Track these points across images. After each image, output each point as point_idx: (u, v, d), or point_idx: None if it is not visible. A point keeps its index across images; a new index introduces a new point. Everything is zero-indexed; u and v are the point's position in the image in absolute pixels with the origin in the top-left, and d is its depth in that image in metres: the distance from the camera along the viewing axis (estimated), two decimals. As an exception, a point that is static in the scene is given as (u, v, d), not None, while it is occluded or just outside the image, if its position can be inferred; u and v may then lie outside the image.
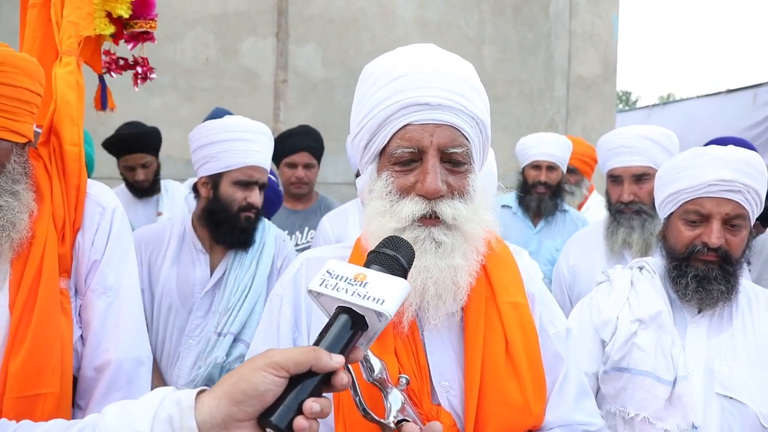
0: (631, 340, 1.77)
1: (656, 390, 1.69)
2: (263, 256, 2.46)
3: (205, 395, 0.83)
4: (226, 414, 0.81)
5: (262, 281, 2.42)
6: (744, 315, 1.76)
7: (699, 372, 1.69)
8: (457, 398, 1.20)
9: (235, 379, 0.82)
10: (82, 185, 1.54)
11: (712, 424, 1.63)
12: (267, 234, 2.52)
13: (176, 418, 0.81)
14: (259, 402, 0.81)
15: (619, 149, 2.55)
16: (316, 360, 0.83)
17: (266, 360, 0.82)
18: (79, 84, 1.56)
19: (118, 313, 1.58)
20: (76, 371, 1.57)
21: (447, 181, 1.18)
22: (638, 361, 1.75)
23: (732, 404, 1.63)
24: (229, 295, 2.36)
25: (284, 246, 2.58)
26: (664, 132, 2.52)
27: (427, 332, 1.22)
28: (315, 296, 0.94)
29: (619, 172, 2.57)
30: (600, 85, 7.00)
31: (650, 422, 1.69)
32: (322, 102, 5.93)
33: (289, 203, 3.55)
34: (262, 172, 2.38)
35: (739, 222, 1.73)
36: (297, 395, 0.82)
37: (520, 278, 1.32)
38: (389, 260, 0.98)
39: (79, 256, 1.55)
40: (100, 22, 1.63)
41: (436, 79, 1.19)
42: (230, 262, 2.41)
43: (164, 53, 5.54)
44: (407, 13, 6.18)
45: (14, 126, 1.38)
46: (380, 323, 0.90)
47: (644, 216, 2.50)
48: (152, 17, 1.75)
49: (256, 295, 2.39)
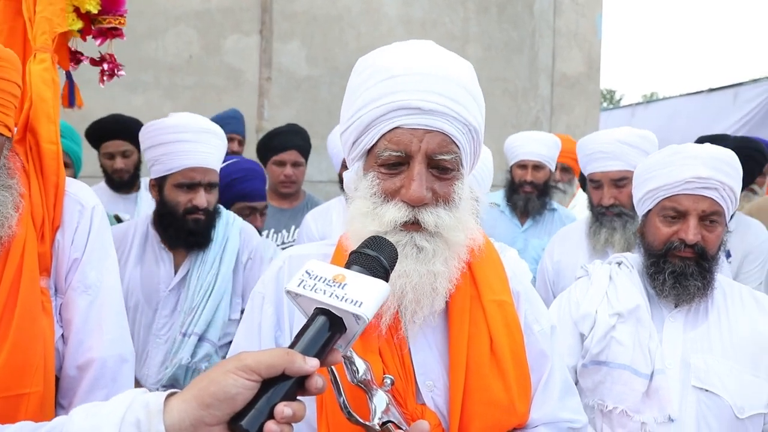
0: (609, 333, 1.79)
1: (634, 383, 1.72)
2: (226, 253, 2.42)
3: (174, 398, 0.82)
4: (195, 418, 0.79)
5: (226, 279, 2.40)
6: (719, 309, 1.80)
7: (676, 365, 1.71)
8: (441, 397, 1.20)
9: (205, 382, 0.81)
10: (60, 183, 1.53)
11: (688, 416, 1.66)
12: (230, 229, 2.48)
13: (144, 422, 0.79)
14: (229, 406, 0.79)
15: (597, 154, 2.60)
16: (290, 363, 0.81)
17: (237, 363, 0.80)
18: (55, 81, 1.54)
19: (99, 310, 1.57)
20: (58, 371, 1.56)
21: (432, 188, 1.17)
22: (616, 354, 1.77)
23: (708, 397, 1.66)
24: (192, 295, 2.34)
25: (250, 239, 2.53)
26: (641, 134, 2.55)
27: (412, 332, 1.22)
28: (293, 297, 0.93)
29: (598, 177, 2.62)
30: (584, 84, 7.05)
31: (628, 415, 1.71)
32: (306, 100, 5.91)
33: (276, 201, 3.53)
34: (205, 173, 2.31)
35: (716, 218, 1.76)
36: (269, 399, 0.80)
37: (505, 276, 1.32)
38: (370, 261, 0.97)
39: (58, 255, 1.53)
40: (67, 17, 1.61)
41: (431, 82, 1.16)
42: (193, 260, 2.39)
43: (146, 50, 5.49)
44: (392, 11, 6.18)
45: (7, 120, 1.37)
46: (358, 326, 0.89)
47: (625, 218, 2.55)
48: (121, 13, 1.72)
49: (220, 294, 2.37)
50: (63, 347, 1.55)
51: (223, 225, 2.46)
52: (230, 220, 2.51)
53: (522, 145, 3.57)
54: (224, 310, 2.38)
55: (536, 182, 3.52)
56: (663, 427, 1.67)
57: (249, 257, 2.50)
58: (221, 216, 2.48)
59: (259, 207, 2.98)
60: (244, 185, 2.94)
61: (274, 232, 3.43)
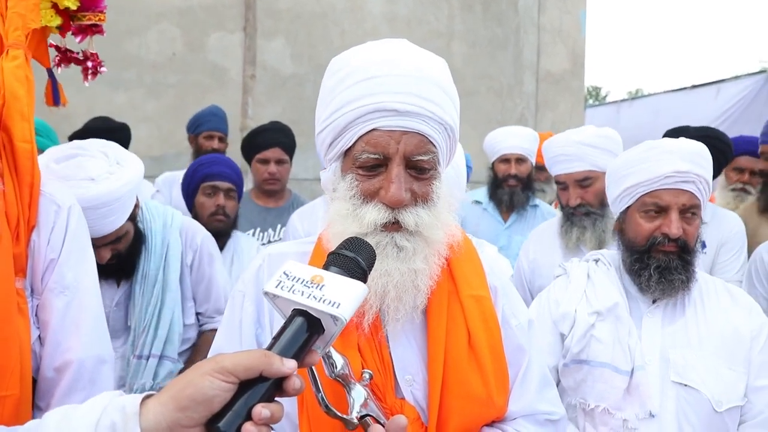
0: (589, 332, 1.80)
1: (614, 380, 1.73)
2: (170, 262, 2.31)
3: (151, 401, 0.81)
4: (171, 420, 0.79)
5: (174, 290, 2.30)
6: (696, 304, 1.81)
7: (655, 361, 1.73)
8: (420, 391, 1.21)
9: (182, 384, 0.80)
10: (35, 183, 1.50)
11: (668, 411, 1.67)
12: (169, 231, 2.34)
13: (120, 425, 0.79)
14: (205, 408, 0.79)
15: (559, 157, 2.65)
16: (267, 366, 0.81)
17: (215, 365, 0.80)
18: (29, 78, 1.51)
19: (77, 311, 1.55)
20: (35, 372, 1.54)
21: (411, 188, 1.18)
22: (597, 353, 1.78)
23: (687, 391, 1.68)
24: (140, 313, 2.24)
25: (193, 237, 2.43)
26: (602, 133, 2.59)
27: (390, 327, 1.23)
28: (271, 298, 0.92)
29: (562, 179, 2.67)
30: (568, 80, 7.09)
31: (610, 413, 1.72)
32: (291, 97, 5.89)
33: (261, 200, 3.51)
34: (95, 240, 1.96)
35: (695, 211, 1.79)
36: (246, 401, 0.80)
37: (482, 271, 1.33)
38: (348, 262, 0.97)
39: (34, 255, 1.51)
40: (45, 13, 1.58)
41: (407, 83, 1.17)
42: (135, 276, 2.26)
43: (128, 48, 5.45)
44: (376, 8, 6.18)
45: None
46: (336, 327, 0.89)
47: (593, 216, 2.60)
48: (101, 9, 1.70)
49: (171, 309, 2.28)
50: (40, 349, 1.53)
51: (160, 228, 2.33)
52: (168, 221, 2.37)
53: (503, 140, 3.59)
54: (178, 322, 2.30)
55: (520, 175, 3.53)
56: (644, 422, 1.68)
57: (194, 256, 2.41)
58: (156, 218, 2.34)
59: (221, 187, 2.89)
60: (206, 169, 2.91)
61: (260, 231, 3.42)
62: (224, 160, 3.03)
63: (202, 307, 2.49)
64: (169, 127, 5.56)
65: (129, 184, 2.02)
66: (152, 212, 2.36)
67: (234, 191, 2.95)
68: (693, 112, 8.36)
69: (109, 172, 1.97)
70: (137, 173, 2.07)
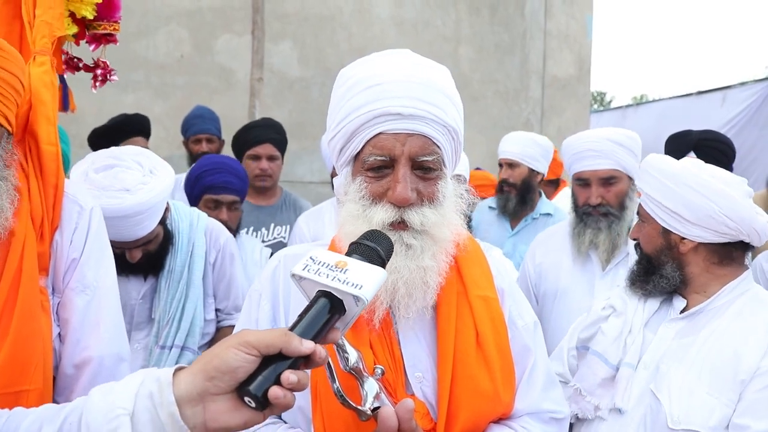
0: (599, 323, 1.90)
1: (598, 368, 1.80)
2: (194, 259, 2.39)
3: (182, 372, 0.90)
4: (201, 389, 0.88)
5: (198, 286, 2.38)
6: (720, 319, 1.75)
7: (650, 368, 1.75)
8: (430, 388, 1.26)
9: (209, 357, 0.89)
10: (60, 184, 1.54)
11: (637, 414, 1.71)
12: (195, 232, 2.42)
13: (156, 394, 0.88)
14: (231, 378, 0.87)
15: (586, 153, 2.55)
16: (286, 344, 0.88)
17: (239, 339, 0.88)
18: (54, 84, 1.56)
19: (97, 310, 1.59)
20: (55, 369, 1.57)
21: (417, 188, 1.24)
22: (596, 342, 1.87)
23: (654, 402, 1.70)
24: (165, 305, 2.33)
25: (217, 238, 2.50)
26: (629, 134, 2.57)
27: (401, 325, 1.28)
28: (297, 280, 1.00)
29: (586, 176, 2.57)
30: (574, 86, 7.12)
31: (581, 394, 1.80)
32: (298, 100, 5.93)
33: (253, 198, 3.42)
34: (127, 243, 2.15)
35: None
36: (276, 368, 0.88)
37: (490, 273, 1.38)
38: (369, 251, 1.05)
39: (57, 255, 1.55)
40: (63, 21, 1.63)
41: (410, 88, 1.23)
42: (162, 271, 2.35)
43: (136, 49, 5.49)
44: (384, 12, 6.21)
45: (7, 112, 1.38)
46: (357, 308, 0.96)
47: (611, 218, 2.52)
48: (116, 20, 1.75)
49: (194, 303, 2.36)
50: (60, 346, 1.57)
51: (187, 228, 2.41)
52: (194, 222, 2.45)
53: (501, 144, 3.63)
54: (200, 316, 2.38)
55: (511, 180, 3.49)
56: (612, 415, 1.75)
57: (217, 255, 2.49)
58: (183, 218, 2.42)
59: (224, 201, 2.84)
60: (209, 178, 2.87)
61: (253, 230, 3.38)
62: (227, 166, 2.95)
63: (221, 303, 2.56)
64: (176, 128, 5.56)
65: (162, 193, 2.14)
66: (180, 213, 2.44)
67: (238, 202, 2.95)
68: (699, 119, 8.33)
69: (143, 183, 2.08)
70: (169, 181, 2.19)
